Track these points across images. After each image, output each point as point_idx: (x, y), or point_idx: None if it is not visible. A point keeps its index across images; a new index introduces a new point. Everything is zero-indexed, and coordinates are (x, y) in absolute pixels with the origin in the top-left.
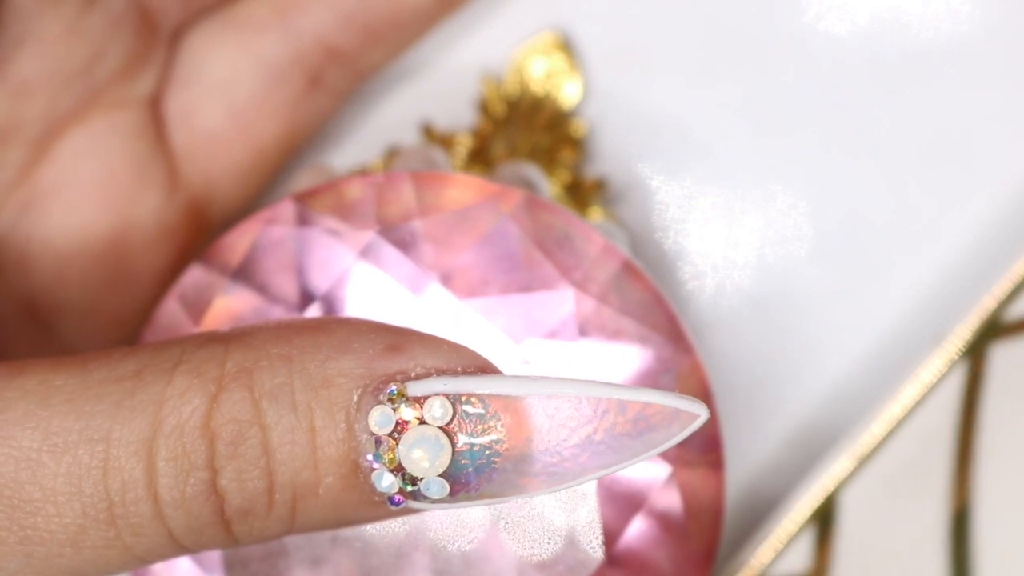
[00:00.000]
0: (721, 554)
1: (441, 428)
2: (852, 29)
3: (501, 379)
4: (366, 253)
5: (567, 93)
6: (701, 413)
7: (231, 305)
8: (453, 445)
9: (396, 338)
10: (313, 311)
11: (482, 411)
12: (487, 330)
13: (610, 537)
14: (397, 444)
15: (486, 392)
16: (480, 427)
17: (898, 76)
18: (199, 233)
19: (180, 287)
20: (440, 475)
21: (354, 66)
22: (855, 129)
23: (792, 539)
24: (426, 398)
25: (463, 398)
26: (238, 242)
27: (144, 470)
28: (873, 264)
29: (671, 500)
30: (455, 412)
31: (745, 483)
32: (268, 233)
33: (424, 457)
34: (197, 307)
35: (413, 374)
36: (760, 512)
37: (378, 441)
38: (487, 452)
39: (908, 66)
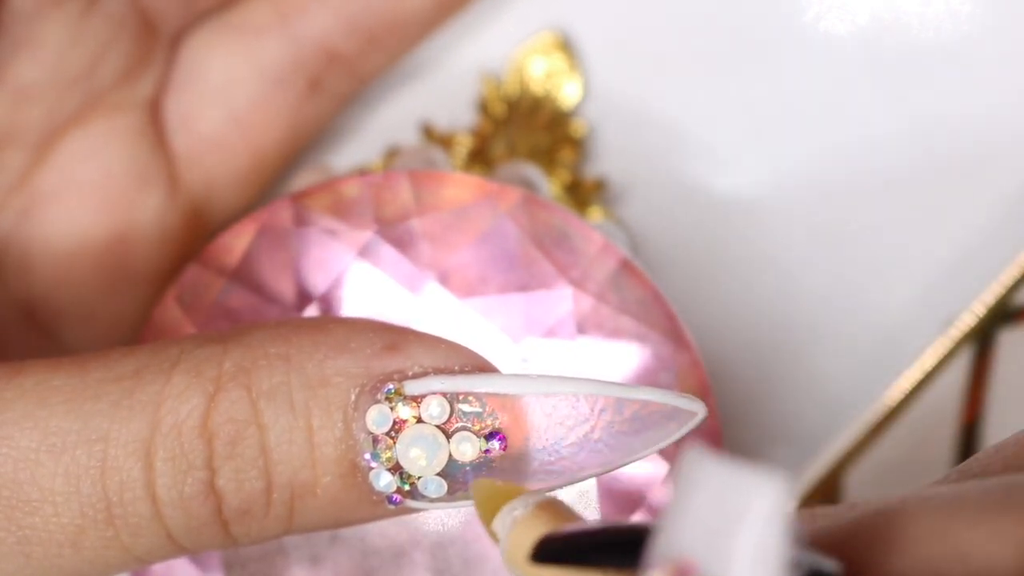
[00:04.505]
0: None
1: (438, 427)
2: (852, 29)
3: (498, 378)
4: (364, 252)
5: (567, 93)
6: (699, 411)
7: (229, 305)
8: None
9: (394, 337)
10: (311, 311)
11: (479, 410)
12: (485, 329)
13: None
14: (395, 443)
15: (483, 391)
16: (478, 426)
17: (898, 76)
18: (199, 236)
19: (178, 287)
20: (438, 474)
21: (355, 70)
22: (855, 128)
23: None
24: (423, 397)
25: (460, 397)
26: (235, 242)
27: (142, 470)
28: (874, 263)
29: None
30: (452, 411)
31: None
32: (265, 233)
33: (421, 456)
34: (195, 307)
35: (411, 373)
36: None
37: (376, 440)
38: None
39: (908, 66)
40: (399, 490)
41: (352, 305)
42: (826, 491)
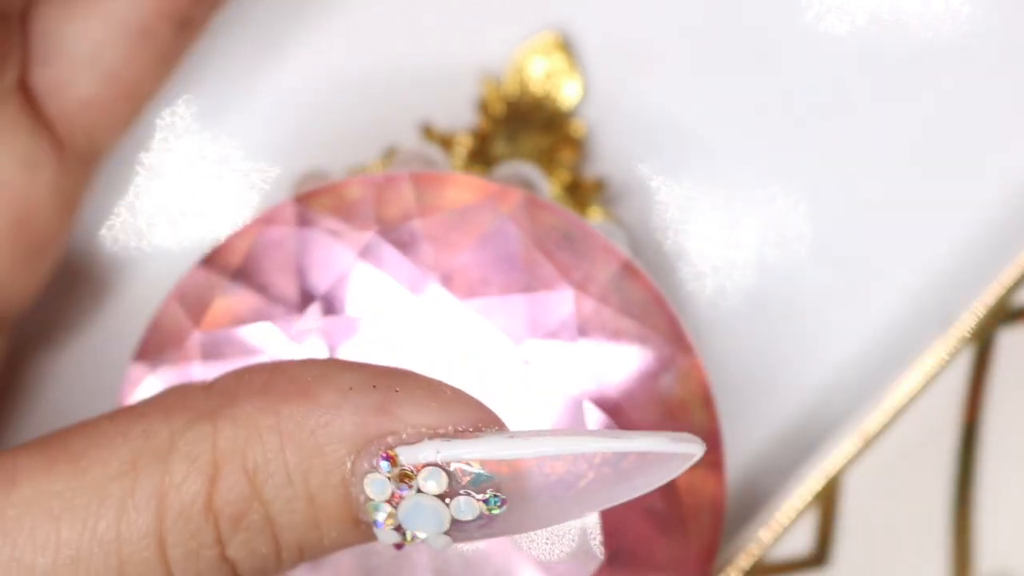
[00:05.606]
0: (721, 553)
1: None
2: (852, 29)
3: (493, 442)
4: (366, 253)
5: (567, 93)
6: (697, 453)
7: (231, 305)
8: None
9: (383, 399)
10: (313, 311)
11: (479, 470)
12: (487, 330)
13: (610, 537)
14: (396, 510)
15: (479, 458)
16: (476, 488)
17: (898, 76)
18: (91, 177)
19: (180, 288)
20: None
21: None
22: (855, 128)
23: (795, 520)
24: (421, 467)
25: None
26: (238, 243)
27: (158, 561)
28: (873, 263)
29: (671, 500)
30: (451, 478)
31: (745, 481)
32: (268, 234)
33: (422, 527)
34: (197, 308)
35: (404, 435)
36: (760, 510)
37: (376, 506)
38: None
39: (908, 66)
40: (404, 542)
41: (354, 306)
42: (826, 491)
